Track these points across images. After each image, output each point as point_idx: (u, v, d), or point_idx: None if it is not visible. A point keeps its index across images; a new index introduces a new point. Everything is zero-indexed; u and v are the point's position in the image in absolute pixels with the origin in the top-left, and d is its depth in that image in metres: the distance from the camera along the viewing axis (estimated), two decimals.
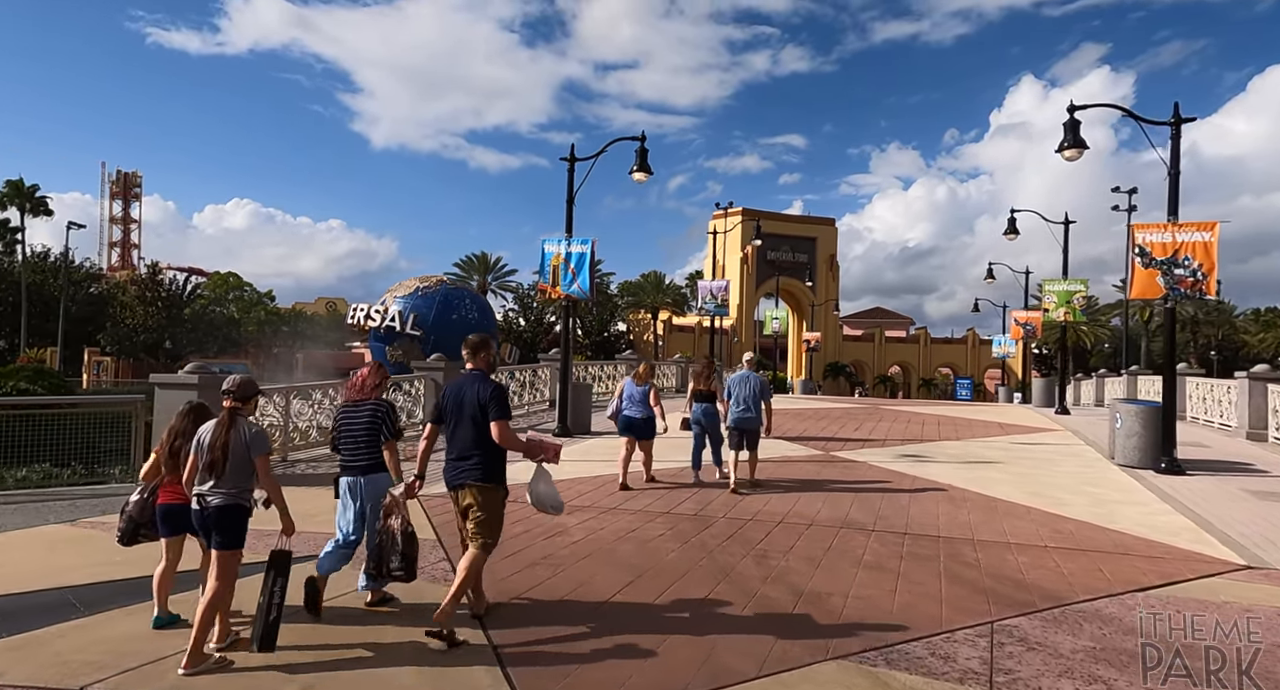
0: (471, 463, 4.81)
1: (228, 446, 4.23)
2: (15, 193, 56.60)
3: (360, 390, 5.17)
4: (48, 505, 8.08)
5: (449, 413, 4.93)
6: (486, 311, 43.66)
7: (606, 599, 5.46)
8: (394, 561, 4.70)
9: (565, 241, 14.35)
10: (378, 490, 4.96)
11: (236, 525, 4.29)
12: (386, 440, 5.00)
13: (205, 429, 4.36)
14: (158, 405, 9.67)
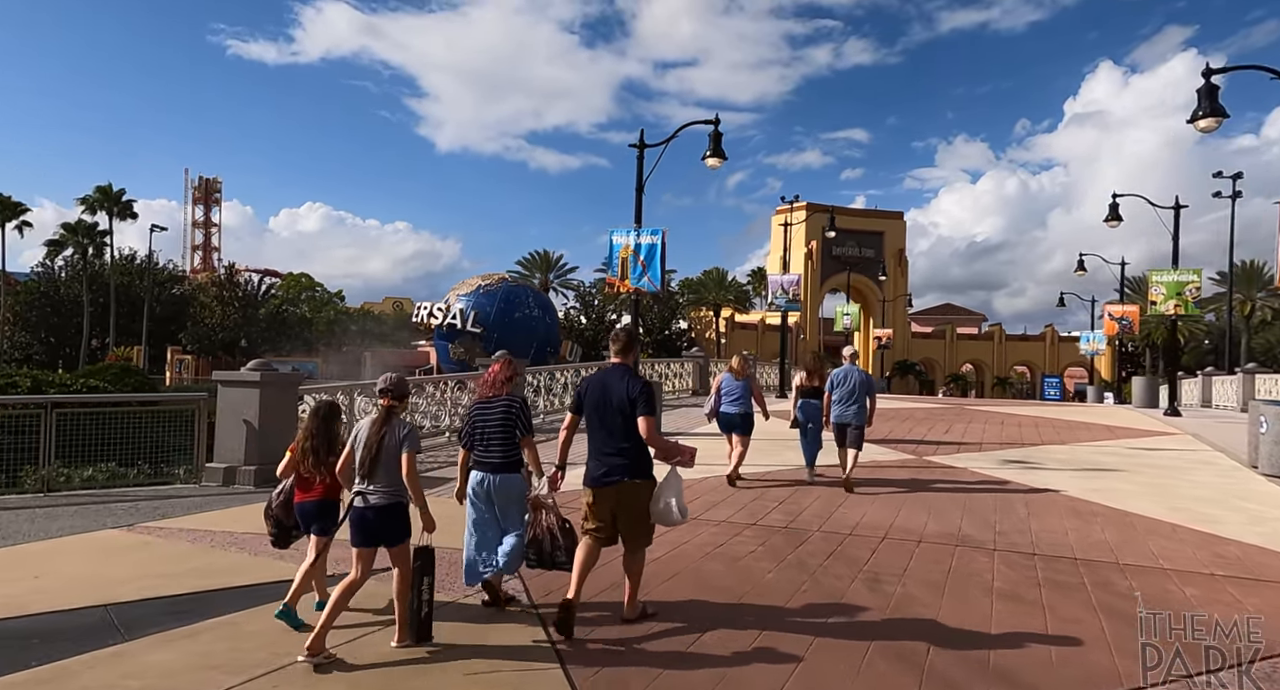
0: (620, 459, 4.69)
1: (381, 444, 4.26)
2: (104, 197, 59.29)
3: (492, 386, 5.08)
4: (109, 507, 7.80)
5: (591, 406, 4.83)
6: (549, 309, 43.45)
7: (701, 632, 4.71)
8: (560, 556, 4.73)
9: (634, 233, 13.67)
10: (511, 487, 4.89)
11: (401, 522, 4.35)
12: (523, 436, 4.95)
13: (361, 427, 4.39)
14: (220, 403, 9.38)
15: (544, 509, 4.79)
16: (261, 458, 9.23)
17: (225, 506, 8.03)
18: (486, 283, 40.08)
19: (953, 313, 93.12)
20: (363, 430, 4.36)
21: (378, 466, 4.25)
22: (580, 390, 4.96)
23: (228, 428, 9.30)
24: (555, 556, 4.75)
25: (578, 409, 4.95)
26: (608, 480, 4.69)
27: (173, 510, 7.72)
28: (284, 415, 9.60)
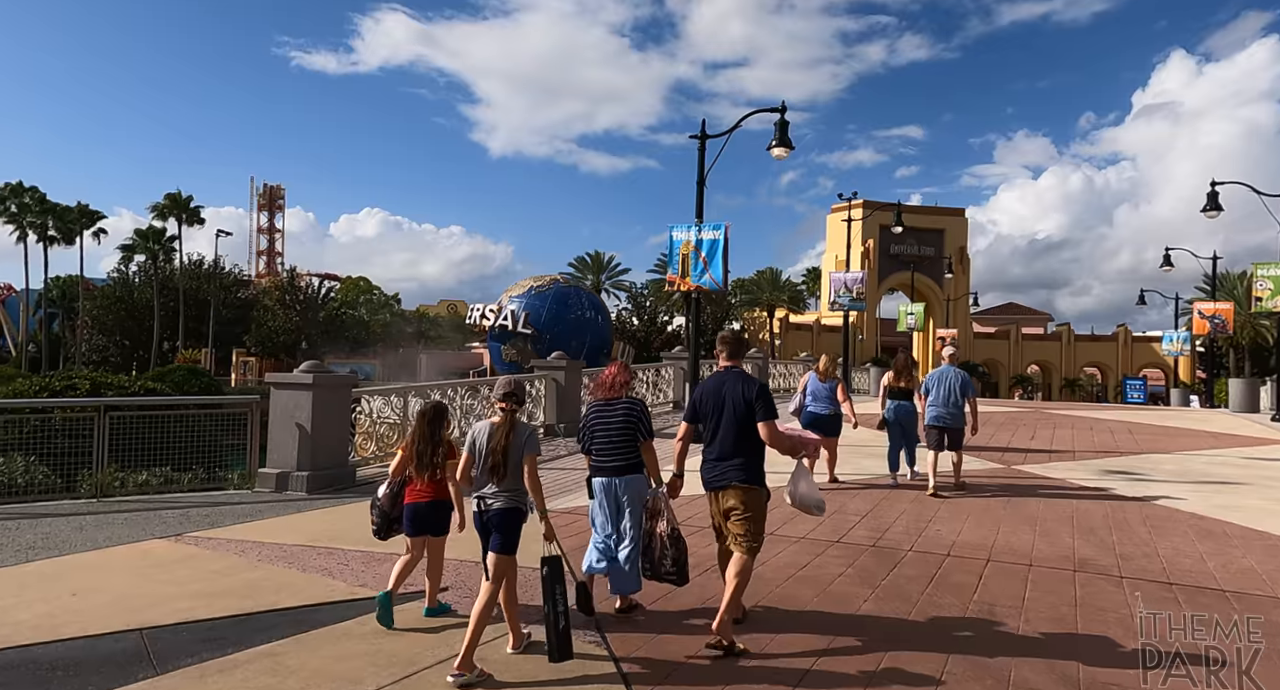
0: (735, 463, 4.59)
1: (508, 449, 4.20)
2: (173, 204, 61.43)
3: (612, 388, 4.99)
4: (159, 515, 7.53)
5: (708, 411, 4.72)
6: (601, 310, 42.99)
7: (802, 675, 4.06)
8: (666, 565, 4.66)
9: (695, 228, 13.04)
10: (634, 490, 4.81)
11: (516, 529, 4.26)
12: (644, 440, 4.86)
13: (480, 430, 4.34)
14: (273, 406, 9.09)
15: (660, 516, 4.69)
16: (314, 463, 8.91)
17: (276, 514, 7.69)
18: (538, 284, 39.93)
19: (1016, 312, 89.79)
20: (482, 433, 4.31)
21: (505, 470, 4.19)
22: (694, 398, 4.88)
23: (280, 432, 9.01)
24: (662, 565, 4.68)
25: (694, 417, 4.84)
26: (721, 483, 4.61)
27: (222, 518, 7.41)
28: (337, 418, 9.27)
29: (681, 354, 18.90)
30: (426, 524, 4.68)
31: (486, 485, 4.23)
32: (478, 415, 12.49)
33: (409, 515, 4.73)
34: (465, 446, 4.37)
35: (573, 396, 14.10)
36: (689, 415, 4.92)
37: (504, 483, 4.21)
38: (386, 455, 10.51)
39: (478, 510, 4.25)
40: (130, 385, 10.86)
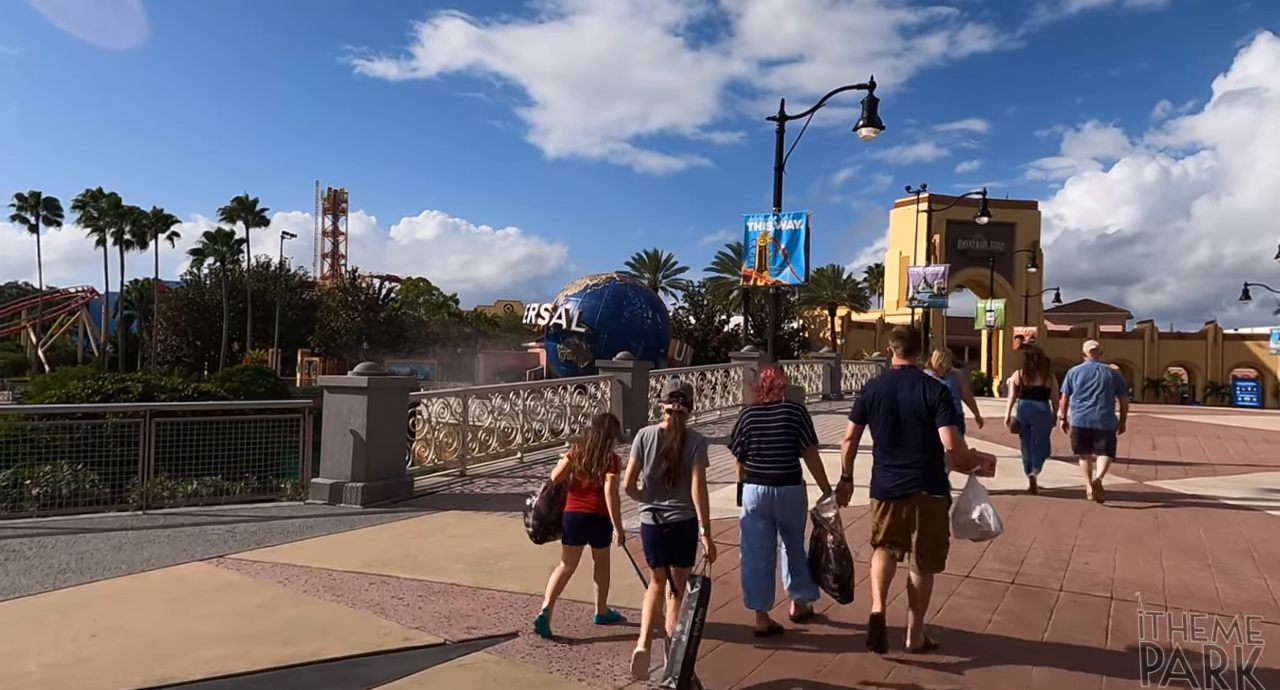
0: (921, 471, 4.34)
1: (681, 455, 4.10)
2: (241, 208, 63.15)
3: (769, 391, 4.76)
4: (203, 531, 6.92)
5: (881, 413, 4.45)
6: (660, 308, 42.07)
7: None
8: (829, 580, 4.47)
9: (774, 218, 12.02)
10: (798, 500, 4.60)
11: (695, 541, 4.14)
12: (807, 446, 4.62)
13: (649, 435, 4.23)
14: (326, 411, 8.45)
15: (825, 526, 4.47)
16: (370, 473, 8.24)
17: (328, 532, 7.01)
18: (594, 282, 39.37)
19: (1092, 309, 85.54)
20: (651, 439, 4.17)
21: (678, 479, 4.05)
22: (865, 398, 4.59)
23: (334, 439, 8.37)
24: (824, 580, 4.49)
25: (861, 418, 4.56)
26: (905, 492, 4.32)
27: (270, 536, 6.75)
28: (394, 424, 8.58)
29: (751, 354, 17.86)
30: (587, 534, 4.52)
31: (660, 496, 4.09)
32: (541, 418, 11.72)
33: (569, 524, 4.56)
34: (632, 452, 4.19)
35: (640, 400, 13.23)
36: (857, 414, 4.58)
37: (679, 492, 4.06)
38: (448, 464, 9.82)
39: (654, 523, 4.07)
40: (184, 388, 10.47)
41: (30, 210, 64.97)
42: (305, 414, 8.29)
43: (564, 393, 12.04)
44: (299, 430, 8.36)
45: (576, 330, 36.67)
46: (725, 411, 16.86)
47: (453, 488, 9.18)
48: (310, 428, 8.30)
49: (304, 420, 8.28)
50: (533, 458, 11.15)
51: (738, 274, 67.85)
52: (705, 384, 16.24)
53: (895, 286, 71.48)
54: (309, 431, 8.28)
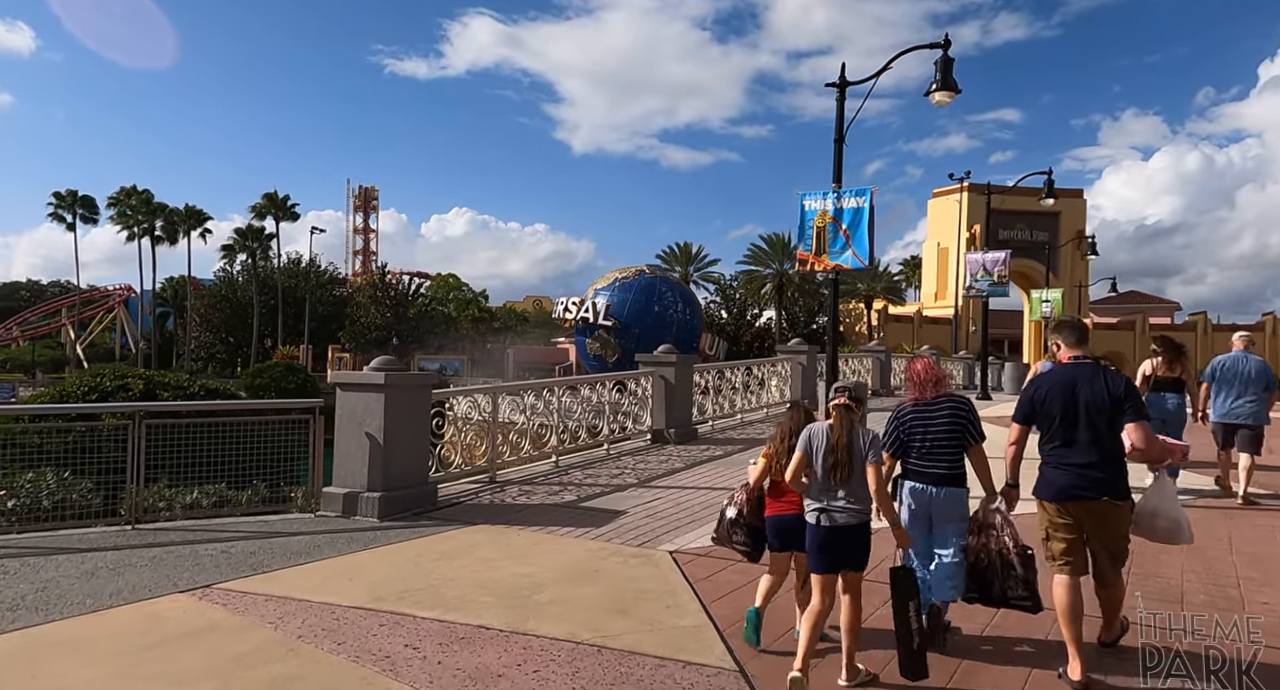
0: (1105, 473, 4.00)
1: (852, 452, 3.86)
2: (271, 204, 63.21)
3: (933, 385, 4.42)
4: (196, 551, 5.98)
5: (1056, 410, 4.11)
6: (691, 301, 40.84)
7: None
8: (1014, 589, 4.06)
9: (834, 195, 10.82)
10: (958, 503, 4.30)
11: (868, 545, 3.92)
12: (974, 444, 4.33)
13: (815, 431, 4.02)
14: (339, 411, 7.50)
15: (992, 532, 4.14)
16: (388, 481, 7.27)
17: (337, 551, 6.04)
18: (623, 276, 38.49)
19: (1139, 301, 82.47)
20: (818, 435, 3.99)
21: (850, 478, 3.87)
22: (1034, 395, 4.29)
23: (348, 443, 7.42)
24: (1010, 590, 4.06)
25: (1028, 418, 4.31)
26: (1083, 495, 4.03)
27: (270, 559, 5.79)
28: (415, 426, 7.61)
29: (800, 347, 16.67)
30: (798, 538, 4.18)
31: (829, 495, 3.91)
32: (577, 419, 10.69)
33: (775, 528, 4.34)
34: (799, 446, 4.01)
35: (684, 397, 12.14)
36: (1023, 415, 4.32)
37: (852, 493, 3.88)
38: (475, 469, 8.84)
39: (824, 524, 3.89)
40: (190, 385, 9.63)
41: (67, 208, 65.72)
42: (315, 414, 7.34)
43: (602, 389, 10.99)
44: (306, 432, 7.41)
45: (603, 324, 35.75)
46: (773, 410, 15.70)
47: (481, 497, 8.20)
48: (320, 430, 7.35)
49: (313, 422, 7.34)
50: (569, 461, 10.14)
51: (770, 267, 66.29)
52: (751, 380, 15.09)
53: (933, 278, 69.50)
54: (319, 434, 7.34)
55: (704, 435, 12.57)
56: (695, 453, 10.99)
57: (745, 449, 11.35)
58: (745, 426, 13.84)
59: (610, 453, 10.82)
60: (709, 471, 9.64)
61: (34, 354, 68.11)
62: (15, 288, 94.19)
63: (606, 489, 8.62)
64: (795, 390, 16.34)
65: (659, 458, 10.60)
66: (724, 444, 11.85)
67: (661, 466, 9.96)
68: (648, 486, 8.77)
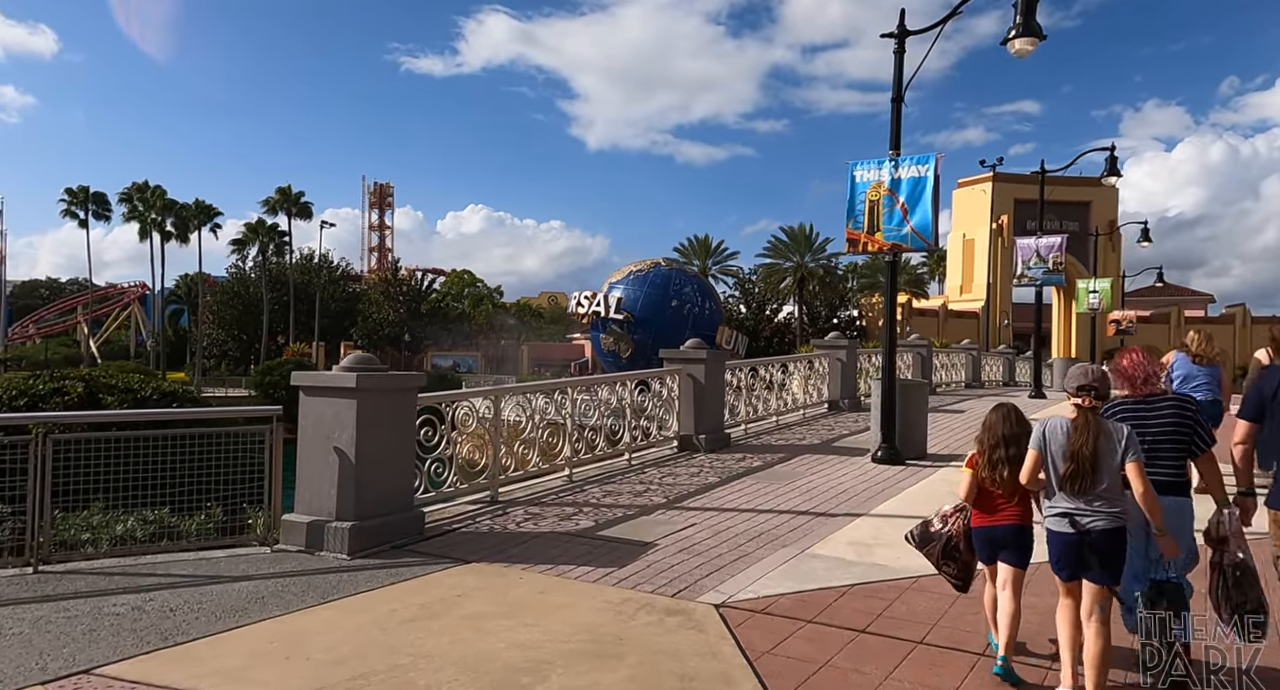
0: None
1: (1097, 455, 3.52)
2: (284, 199, 62.22)
3: (1146, 382, 3.93)
4: (101, 608, 4.61)
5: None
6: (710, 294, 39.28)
7: None
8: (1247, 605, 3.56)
9: (890, 164, 9.31)
10: (1186, 514, 3.77)
11: (1124, 554, 3.58)
12: (1203, 450, 3.80)
13: (1053, 428, 3.64)
14: (302, 421, 6.13)
15: (1224, 544, 3.65)
16: (361, 507, 5.88)
17: (285, 607, 4.65)
18: (639, 268, 37.12)
19: (1173, 293, 79.91)
20: (1056, 434, 3.61)
21: (1094, 480, 3.49)
22: (1264, 391, 3.95)
23: (313, 460, 6.04)
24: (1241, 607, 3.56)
25: (1259, 415, 3.95)
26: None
27: (192, 619, 4.41)
28: (396, 438, 6.22)
29: (839, 341, 15.15)
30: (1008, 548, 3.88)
31: (1076, 499, 3.52)
32: (594, 425, 9.26)
33: (987, 539, 3.97)
34: (1031, 443, 3.68)
35: (715, 398, 10.68)
36: (1254, 411, 3.99)
37: (1101, 496, 3.50)
38: (473, 486, 7.45)
39: (1069, 531, 3.51)
40: (142, 388, 8.31)
41: (80, 205, 65.15)
42: (273, 425, 5.95)
43: (622, 390, 9.55)
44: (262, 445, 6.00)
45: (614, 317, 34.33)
46: (809, 411, 14.19)
47: (479, 522, 6.80)
48: (279, 443, 5.96)
49: (271, 433, 5.94)
50: (585, 473, 8.73)
51: (791, 259, 64.51)
52: (787, 378, 13.59)
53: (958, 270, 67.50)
54: (278, 449, 5.94)
55: (737, 441, 11.11)
56: (730, 463, 9.54)
57: (787, 458, 9.88)
58: (782, 431, 12.36)
59: (632, 463, 9.39)
60: (750, 488, 8.19)
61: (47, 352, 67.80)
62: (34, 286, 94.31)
63: (629, 511, 7.19)
64: (834, 389, 14.83)
65: (689, 470, 9.15)
66: (761, 452, 10.39)
67: (693, 481, 8.51)
68: (679, 507, 7.34)
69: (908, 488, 8.26)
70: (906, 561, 5.63)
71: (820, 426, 12.84)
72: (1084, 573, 3.55)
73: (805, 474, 8.91)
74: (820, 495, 7.86)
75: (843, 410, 14.58)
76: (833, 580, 5.28)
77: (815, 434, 12.04)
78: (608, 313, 34.85)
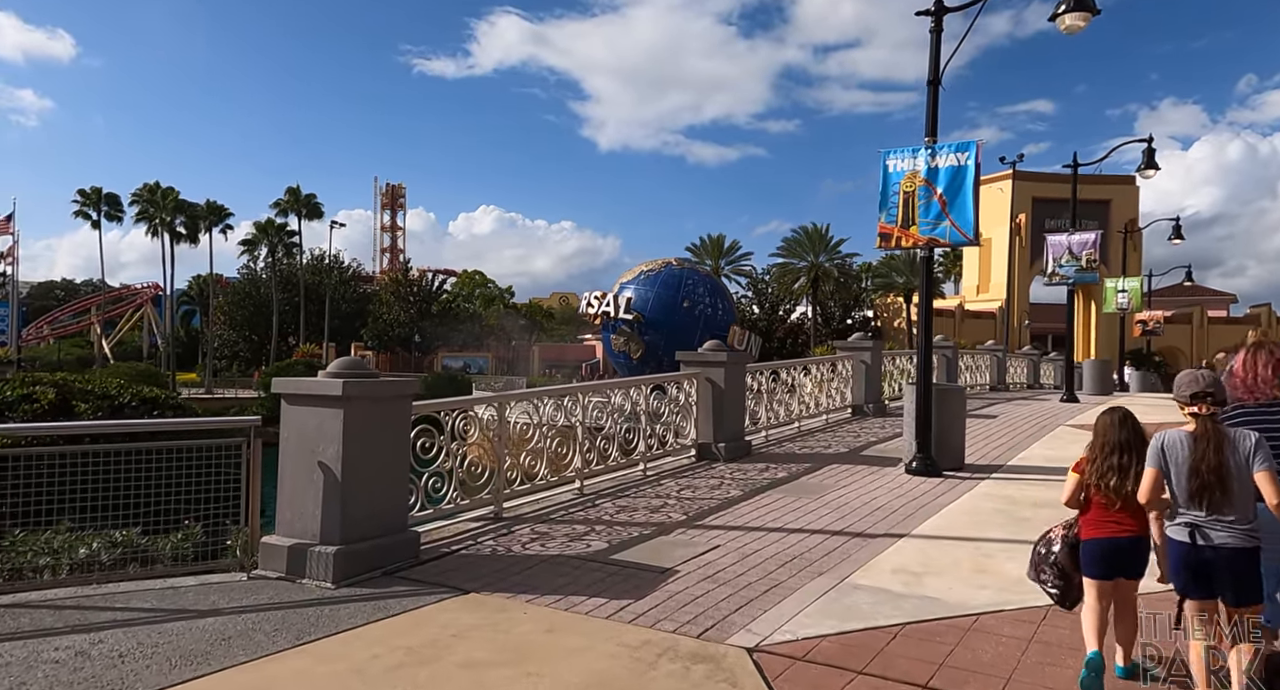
0: None
1: (1224, 466, 3.27)
2: (294, 200, 62.01)
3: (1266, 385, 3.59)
4: (38, 655, 4.01)
5: None
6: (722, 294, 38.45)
7: None
8: None
9: (926, 152, 8.62)
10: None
11: (1256, 574, 3.33)
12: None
13: (1172, 441, 3.41)
14: (284, 432, 5.52)
15: None
16: (348, 529, 5.27)
17: (252, 652, 4.03)
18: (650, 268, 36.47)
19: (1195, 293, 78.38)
20: (1176, 448, 3.38)
21: (1221, 495, 3.26)
22: None
23: (295, 476, 5.43)
24: None
25: None
26: None
27: (140, 670, 3.81)
28: (388, 452, 5.61)
29: (863, 342, 14.44)
30: (1125, 564, 3.66)
31: (1202, 513, 3.30)
32: (607, 433, 8.63)
33: (1099, 553, 3.69)
34: (1148, 460, 3.45)
35: (735, 404, 10.02)
36: None
37: (1230, 510, 3.26)
38: (474, 502, 6.83)
39: (1190, 542, 3.31)
40: (120, 395, 7.73)
41: (92, 206, 65.26)
42: (250, 437, 5.35)
43: (637, 395, 8.91)
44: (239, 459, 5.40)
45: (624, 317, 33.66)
46: (833, 416, 13.50)
47: (480, 543, 6.17)
48: (257, 459, 5.35)
49: (248, 446, 5.34)
50: (596, 485, 8.09)
51: (805, 259, 63.59)
52: (809, 382, 12.90)
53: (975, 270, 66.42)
54: (256, 465, 5.34)
55: (758, 449, 10.45)
56: (752, 474, 8.87)
57: (814, 469, 9.20)
58: (805, 438, 11.68)
59: (648, 474, 8.75)
60: (777, 503, 7.52)
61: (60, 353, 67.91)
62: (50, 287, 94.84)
63: (646, 530, 6.54)
64: (857, 393, 14.12)
65: (709, 481, 8.50)
66: (785, 461, 9.71)
67: (714, 495, 7.86)
68: (700, 526, 6.69)
69: (949, 504, 7.56)
70: (961, 595, 4.96)
71: (845, 433, 12.14)
72: (1214, 591, 3.36)
73: (835, 487, 8.23)
74: (854, 512, 7.19)
75: (867, 415, 13.87)
76: (880, 618, 4.61)
77: (841, 441, 11.35)
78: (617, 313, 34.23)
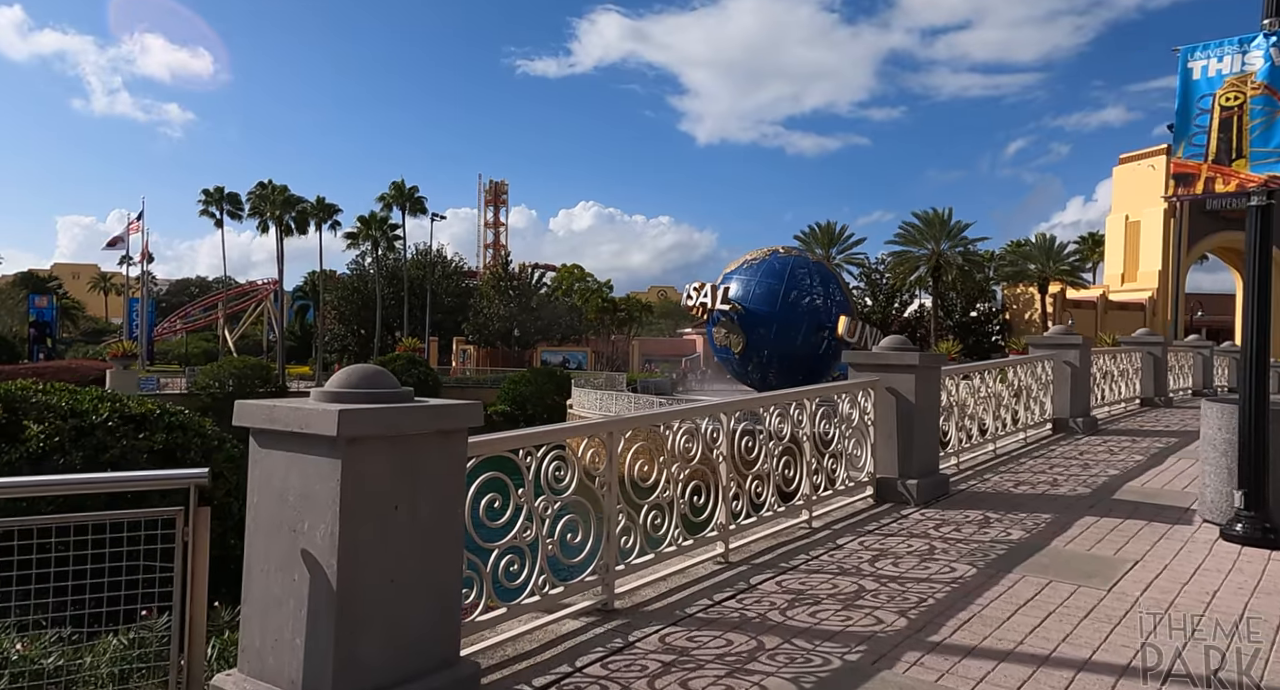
0: None
1: None
2: (398, 194, 62.52)
3: None
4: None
5: None
6: (832, 282, 34.76)
7: None
8: None
9: (1271, 41, 5.53)
10: None
11: None
12: None
13: None
14: (253, 494, 3.22)
15: None
16: (350, 676, 2.91)
17: None
18: (754, 257, 33.63)
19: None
20: None
21: None
22: None
23: (265, 572, 3.14)
24: None
25: None
26: None
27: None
28: (424, 528, 3.22)
29: (1069, 339, 11.20)
30: None
31: None
32: (759, 470, 6.01)
33: None
34: None
35: (928, 423, 7.20)
36: None
37: None
38: (574, 587, 4.39)
39: None
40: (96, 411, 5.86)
41: (215, 204, 68.08)
42: (190, 506, 3.08)
43: (800, 414, 6.23)
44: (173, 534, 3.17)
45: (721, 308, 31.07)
46: (1030, 433, 10.37)
47: (582, 671, 3.72)
48: (203, 543, 3.10)
49: (182, 525, 3.06)
50: (746, 548, 5.54)
51: (926, 247, 58.50)
52: (1005, 390, 9.83)
53: (1119, 257, 59.50)
54: (202, 552, 3.09)
55: (956, 486, 7.59)
56: (969, 531, 6.06)
57: (1060, 524, 6.27)
58: (1009, 466, 8.68)
59: (815, 526, 6.11)
60: (1041, 596, 4.69)
61: (187, 347, 71.38)
62: (186, 284, 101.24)
63: (848, 650, 3.91)
64: (1060, 404, 10.91)
65: (908, 543, 5.75)
66: (1004, 507, 6.81)
67: (930, 573, 5.11)
68: (938, 644, 3.99)
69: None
70: None
71: (1062, 459, 9.05)
72: None
73: (1118, 563, 5.33)
74: (1190, 620, 4.29)
75: (1077, 432, 10.65)
76: None
77: (1066, 473, 8.29)
78: (713, 304, 31.61)
